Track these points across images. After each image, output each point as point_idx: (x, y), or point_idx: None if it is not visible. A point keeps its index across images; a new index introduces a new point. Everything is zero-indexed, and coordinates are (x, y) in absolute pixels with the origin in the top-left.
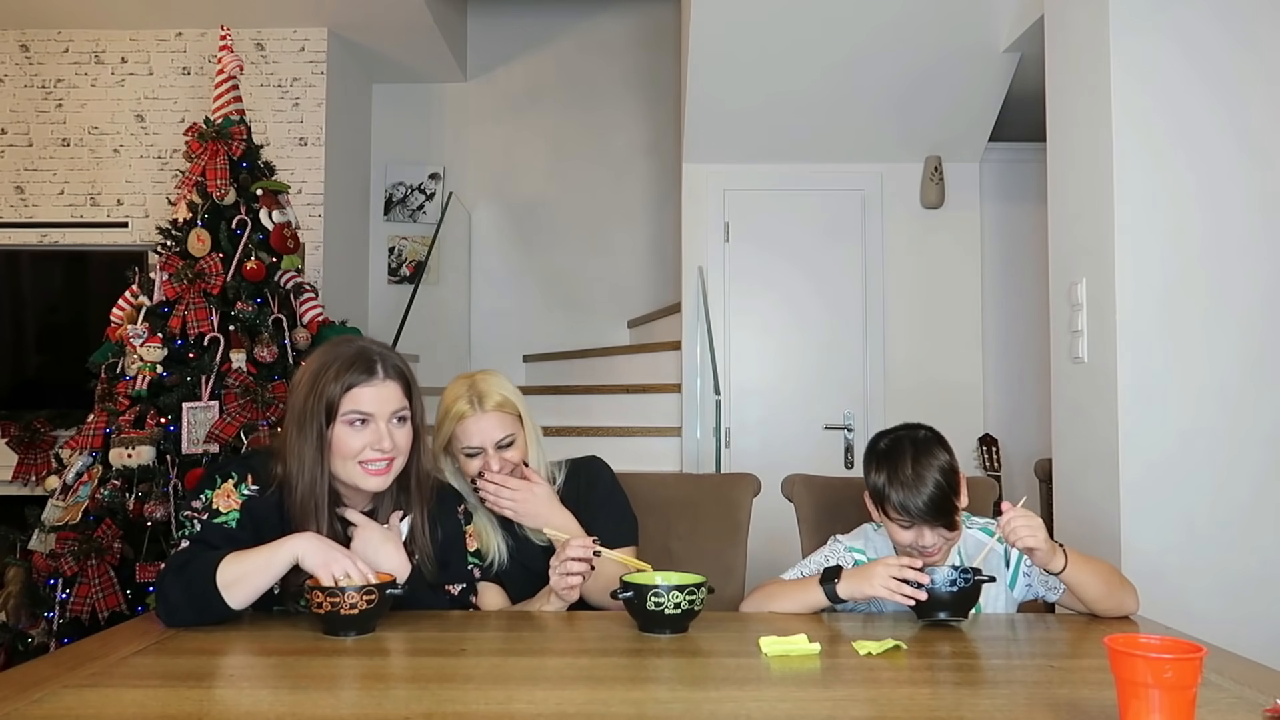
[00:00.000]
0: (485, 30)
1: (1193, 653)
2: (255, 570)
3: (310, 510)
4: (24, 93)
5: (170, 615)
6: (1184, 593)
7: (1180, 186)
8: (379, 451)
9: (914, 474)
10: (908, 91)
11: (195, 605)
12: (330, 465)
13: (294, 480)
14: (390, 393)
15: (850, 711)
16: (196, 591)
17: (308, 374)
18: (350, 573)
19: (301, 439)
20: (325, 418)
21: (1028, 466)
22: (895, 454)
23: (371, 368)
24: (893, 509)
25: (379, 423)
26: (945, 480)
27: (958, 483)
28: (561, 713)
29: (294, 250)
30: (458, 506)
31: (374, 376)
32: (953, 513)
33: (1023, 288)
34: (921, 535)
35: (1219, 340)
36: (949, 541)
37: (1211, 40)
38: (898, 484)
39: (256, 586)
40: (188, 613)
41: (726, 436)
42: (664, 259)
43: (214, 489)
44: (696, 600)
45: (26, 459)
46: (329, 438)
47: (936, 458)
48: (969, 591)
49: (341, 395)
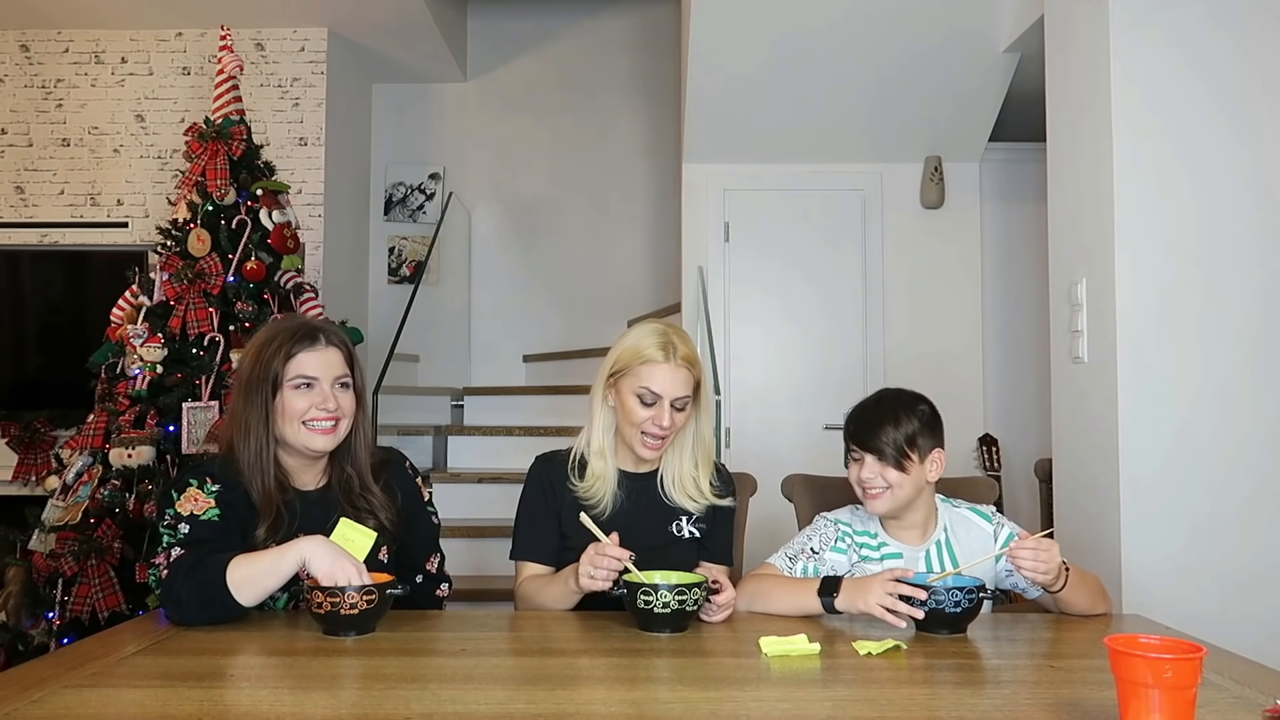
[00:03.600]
0: (485, 30)
1: (1193, 653)
2: (264, 572)
3: (256, 474)
4: (24, 93)
5: (181, 614)
6: (1184, 592)
7: (1180, 186)
8: (324, 411)
9: (875, 410)
10: (908, 91)
11: (207, 605)
12: (279, 431)
13: (239, 447)
14: (333, 358)
15: (850, 711)
16: (208, 593)
17: (254, 347)
18: (353, 580)
19: (249, 407)
20: (271, 386)
21: (1028, 466)
22: (870, 399)
23: (314, 335)
24: (850, 440)
25: (323, 385)
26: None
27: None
28: (561, 713)
29: (294, 250)
30: (404, 463)
31: (316, 343)
32: (903, 454)
33: (1023, 288)
34: (864, 467)
35: (1219, 340)
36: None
37: (1211, 41)
38: (856, 417)
39: (265, 586)
40: (200, 612)
41: (726, 436)
42: (664, 259)
43: (175, 502)
44: (689, 600)
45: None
46: (276, 404)
47: (906, 404)
48: (972, 610)
49: (286, 362)
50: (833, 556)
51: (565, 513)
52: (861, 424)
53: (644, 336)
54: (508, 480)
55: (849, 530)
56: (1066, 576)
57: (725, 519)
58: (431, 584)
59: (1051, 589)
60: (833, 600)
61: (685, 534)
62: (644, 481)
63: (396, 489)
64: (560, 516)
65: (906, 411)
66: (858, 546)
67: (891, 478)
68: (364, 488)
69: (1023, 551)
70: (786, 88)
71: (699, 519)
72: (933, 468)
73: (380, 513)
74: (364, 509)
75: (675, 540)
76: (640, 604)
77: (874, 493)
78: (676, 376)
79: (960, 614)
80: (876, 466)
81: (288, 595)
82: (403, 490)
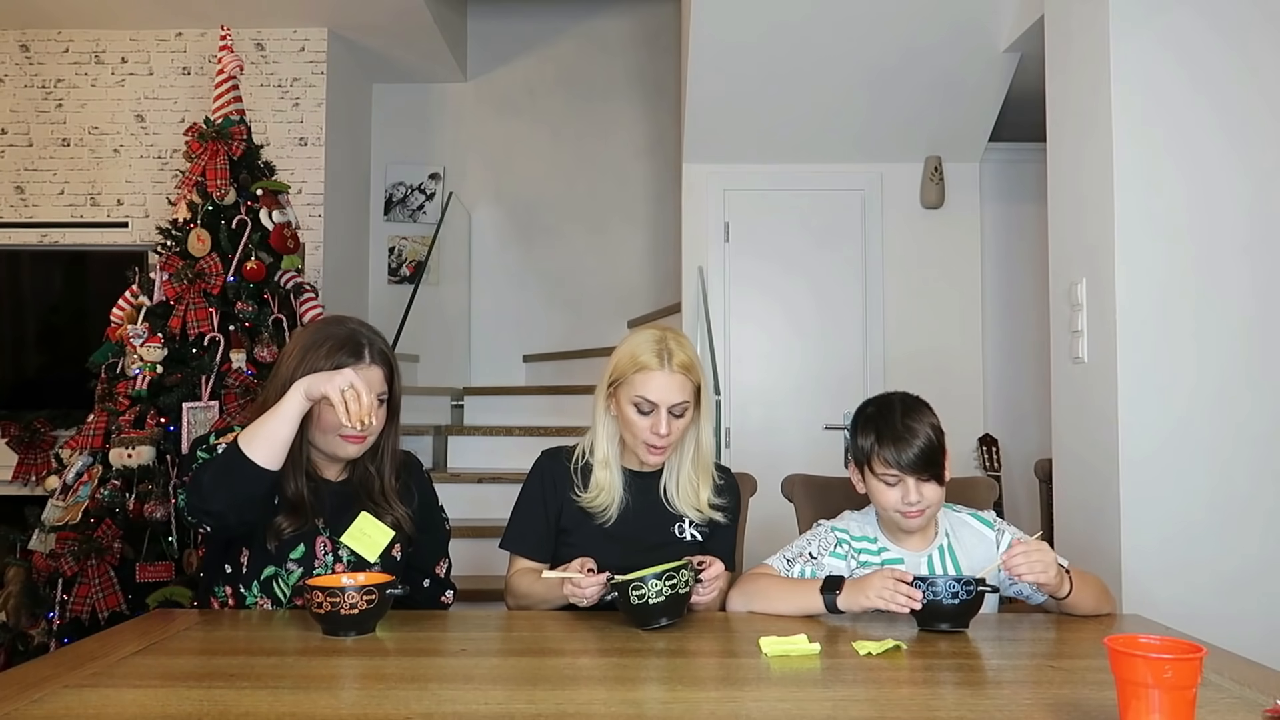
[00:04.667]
0: (485, 30)
1: (1193, 653)
2: (271, 420)
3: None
4: (24, 93)
5: (203, 499)
6: (1184, 592)
7: (1181, 186)
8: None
9: (904, 426)
10: (908, 91)
11: (226, 475)
12: (310, 434)
13: None
14: (374, 376)
15: (850, 711)
16: (227, 464)
17: (298, 347)
18: (354, 383)
19: None
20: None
21: (1028, 466)
22: (885, 411)
23: (359, 352)
24: (881, 463)
25: None
26: (934, 436)
27: (943, 444)
28: (561, 713)
29: (294, 250)
30: (421, 467)
31: (360, 360)
32: (939, 467)
33: (1023, 288)
34: (908, 491)
35: (1219, 339)
36: (932, 508)
37: (1209, 42)
38: (888, 439)
39: (277, 436)
40: (218, 487)
41: (726, 436)
42: (664, 259)
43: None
44: (679, 583)
45: (26, 459)
46: (312, 411)
47: (925, 415)
48: (971, 603)
49: None
50: (831, 562)
51: (565, 509)
52: (900, 445)
53: (640, 344)
54: (508, 480)
55: (847, 537)
56: (1071, 583)
57: (727, 529)
58: (438, 589)
59: (1057, 595)
60: (835, 599)
61: (688, 536)
62: (649, 481)
63: (415, 491)
64: (559, 513)
65: (928, 423)
66: (857, 553)
67: (932, 495)
68: (384, 489)
69: (1016, 558)
70: (787, 88)
71: (701, 524)
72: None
73: (398, 511)
74: (383, 508)
75: (676, 541)
76: (634, 600)
77: (916, 512)
78: (672, 383)
79: (959, 606)
80: (919, 487)
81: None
82: (420, 493)
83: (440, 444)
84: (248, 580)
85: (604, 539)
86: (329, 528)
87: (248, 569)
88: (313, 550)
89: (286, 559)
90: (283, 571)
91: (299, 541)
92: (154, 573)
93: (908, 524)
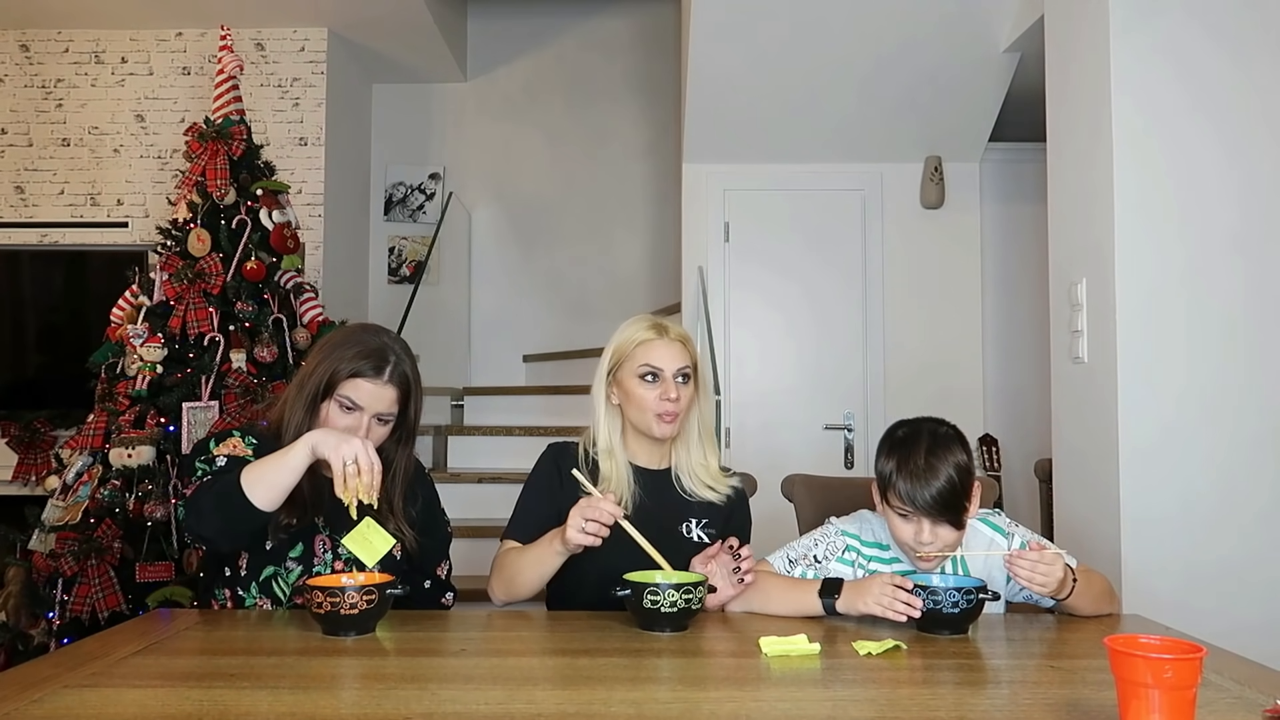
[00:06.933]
0: (485, 30)
1: (1193, 653)
2: (275, 468)
3: None
4: (24, 93)
5: (199, 522)
6: (1184, 590)
7: (1180, 186)
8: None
9: (925, 464)
10: (907, 91)
11: (223, 509)
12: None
13: (284, 428)
14: (387, 395)
15: (850, 711)
16: (225, 494)
17: (328, 344)
18: (359, 457)
19: (299, 398)
20: (323, 390)
21: (1028, 466)
22: (910, 442)
23: (380, 368)
24: (896, 497)
25: (364, 416)
26: (957, 478)
27: (970, 485)
28: (561, 713)
29: (294, 250)
30: (425, 470)
31: (379, 376)
32: (959, 512)
33: (1023, 288)
34: (921, 530)
35: (1219, 340)
36: (947, 548)
37: (1208, 44)
38: (906, 472)
39: (277, 483)
40: (215, 515)
41: (726, 436)
42: (664, 259)
43: (213, 448)
44: (694, 599)
45: (26, 459)
46: (320, 409)
47: (953, 454)
48: (972, 611)
49: (344, 379)
50: (837, 568)
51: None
52: (916, 482)
53: (634, 325)
54: (507, 480)
55: (857, 544)
56: (1073, 586)
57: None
58: (439, 590)
59: (1057, 597)
60: (834, 602)
61: (694, 537)
62: (657, 479)
63: (419, 493)
64: (563, 508)
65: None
66: (865, 560)
67: (949, 538)
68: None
69: (1022, 562)
70: (786, 88)
71: (710, 523)
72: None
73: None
74: (385, 513)
75: (683, 541)
76: (647, 604)
77: (929, 558)
78: (674, 350)
79: (959, 615)
80: (934, 528)
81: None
82: (424, 495)
83: (440, 444)
84: (246, 582)
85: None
86: (329, 526)
87: (246, 571)
88: (312, 549)
89: (285, 558)
90: (282, 570)
91: (298, 540)
92: (154, 573)
93: (922, 566)
